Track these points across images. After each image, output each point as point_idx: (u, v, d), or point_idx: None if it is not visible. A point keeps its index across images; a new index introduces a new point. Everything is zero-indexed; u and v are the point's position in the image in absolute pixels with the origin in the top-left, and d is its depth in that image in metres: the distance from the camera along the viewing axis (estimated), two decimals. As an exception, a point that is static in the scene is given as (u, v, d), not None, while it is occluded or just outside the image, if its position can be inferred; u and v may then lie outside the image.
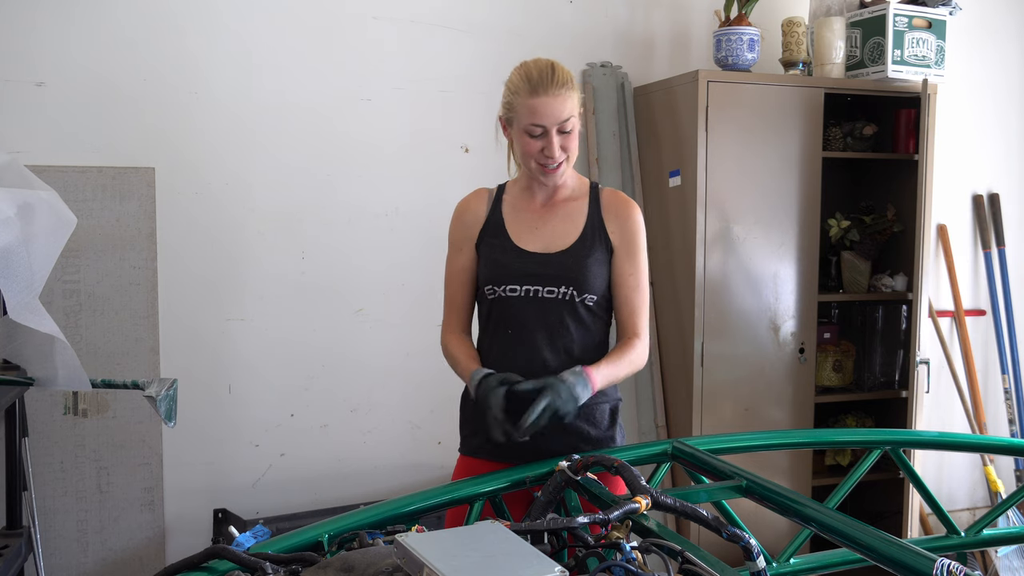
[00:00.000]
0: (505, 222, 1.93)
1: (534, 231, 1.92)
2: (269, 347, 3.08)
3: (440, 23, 3.23)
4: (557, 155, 1.83)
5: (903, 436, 2.11)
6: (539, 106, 1.79)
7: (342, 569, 1.09)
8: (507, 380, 1.73)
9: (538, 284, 1.87)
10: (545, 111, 1.79)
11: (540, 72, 1.81)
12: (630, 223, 1.92)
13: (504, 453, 1.84)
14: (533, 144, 1.84)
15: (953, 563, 1.15)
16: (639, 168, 3.42)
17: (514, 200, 1.97)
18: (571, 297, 1.87)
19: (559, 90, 1.79)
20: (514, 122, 1.86)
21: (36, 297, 1.94)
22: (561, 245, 1.89)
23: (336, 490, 3.17)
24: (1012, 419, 3.94)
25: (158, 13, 2.90)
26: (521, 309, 1.87)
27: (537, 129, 1.81)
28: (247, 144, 3.02)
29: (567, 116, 1.81)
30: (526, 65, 1.85)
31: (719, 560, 1.20)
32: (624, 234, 1.91)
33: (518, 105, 1.82)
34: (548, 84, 1.79)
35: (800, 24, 3.40)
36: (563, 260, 1.87)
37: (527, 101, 1.80)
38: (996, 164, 4.05)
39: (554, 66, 1.82)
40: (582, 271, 1.87)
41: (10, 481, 2.46)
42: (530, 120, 1.81)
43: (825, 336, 3.57)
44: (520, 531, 1.23)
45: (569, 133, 1.83)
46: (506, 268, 1.88)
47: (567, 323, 1.87)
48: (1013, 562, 3.49)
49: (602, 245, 1.90)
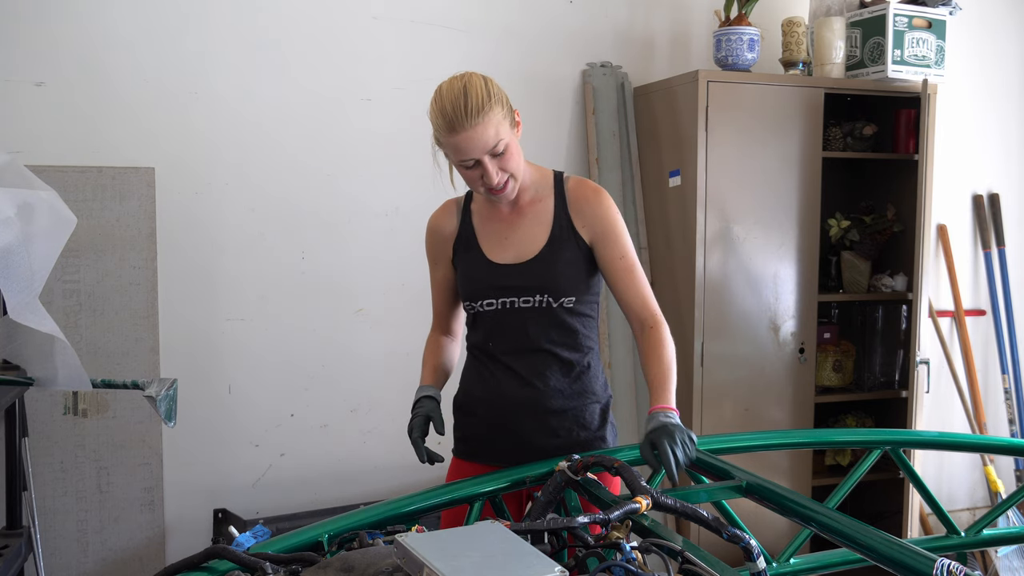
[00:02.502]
0: (476, 235, 1.89)
1: (504, 240, 1.87)
2: (269, 347, 3.08)
3: (440, 23, 3.23)
4: (496, 180, 1.75)
5: (903, 436, 2.11)
6: (461, 143, 1.70)
7: (342, 569, 1.09)
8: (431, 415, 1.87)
9: (513, 296, 1.83)
10: (468, 146, 1.70)
11: (453, 105, 1.69)
12: (600, 210, 1.84)
13: (496, 457, 1.85)
14: (470, 174, 1.77)
15: (953, 563, 1.15)
16: (639, 168, 3.42)
17: (481, 209, 1.90)
18: (548, 304, 1.83)
19: (475, 119, 1.68)
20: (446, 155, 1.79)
21: (36, 297, 1.94)
22: (531, 252, 1.84)
23: (336, 490, 3.17)
24: (1012, 419, 3.94)
25: (158, 13, 2.90)
26: (500, 322, 1.84)
27: (469, 161, 1.73)
28: (247, 144, 3.02)
29: (493, 142, 1.71)
30: (440, 96, 1.73)
31: (719, 560, 1.20)
32: (596, 223, 1.84)
33: (443, 142, 1.75)
34: (462, 118, 1.68)
35: (800, 24, 3.40)
36: (534, 268, 1.83)
37: (448, 140, 1.72)
38: (996, 164, 4.05)
39: (466, 90, 1.70)
40: (554, 276, 1.82)
41: (10, 481, 2.46)
42: (458, 157, 1.74)
43: (825, 336, 3.57)
44: (520, 531, 1.23)
45: (503, 154, 1.74)
46: (480, 283, 1.85)
47: (548, 331, 1.84)
48: (1013, 562, 3.49)
49: (572, 243, 1.83)
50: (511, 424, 1.86)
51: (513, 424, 1.85)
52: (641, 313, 1.84)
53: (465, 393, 1.97)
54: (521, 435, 1.85)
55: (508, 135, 1.75)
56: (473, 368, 1.95)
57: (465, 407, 1.96)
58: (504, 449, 1.86)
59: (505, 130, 1.74)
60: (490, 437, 1.90)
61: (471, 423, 1.93)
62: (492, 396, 1.88)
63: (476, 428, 1.92)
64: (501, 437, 1.88)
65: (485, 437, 1.91)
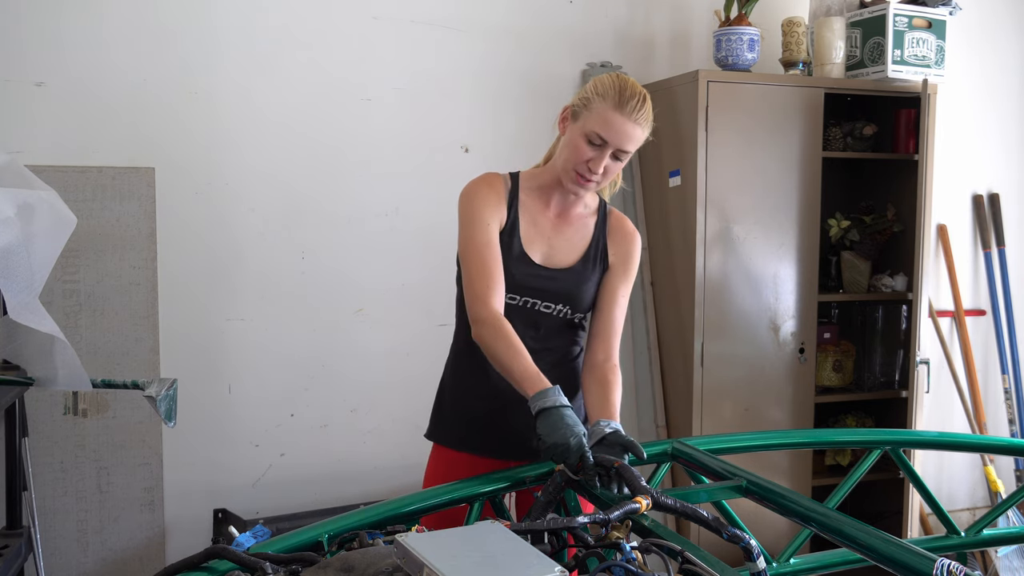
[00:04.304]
0: (520, 225, 1.85)
1: (544, 240, 1.87)
2: (269, 347, 3.08)
3: (440, 23, 3.23)
4: (598, 173, 1.76)
5: (903, 436, 2.11)
6: (616, 122, 1.73)
7: (342, 569, 1.09)
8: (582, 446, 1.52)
9: (536, 298, 1.84)
10: (619, 129, 1.73)
11: (633, 94, 1.74)
12: (632, 248, 1.91)
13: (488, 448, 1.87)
14: (585, 151, 1.75)
15: (953, 563, 1.15)
16: (639, 168, 3.42)
17: (529, 201, 1.88)
18: (566, 315, 1.87)
19: (641, 119, 1.75)
20: (580, 119, 1.77)
21: (36, 297, 1.94)
22: (565, 261, 1.86)
23: (336, 490, 3.17)
24: (1012, 419, 3.94)
25: (158, 13, 2.90)
26: (515, 319, 1.82)
27: (598, 139, 1.74)
28: (247, 144, 3.02)
29: (633, 147, 1.77)
30: (623, 79, 1.77)
31: (719, 560, 1.20)
32: (623, 256, 1.90)
33: (596, 108, 1.74)
34: (635, 109, 1.73)
35: (800, 24, 3.40)
36: (566, 278, 1.85)
37: (607, 110, 1.73)
38: (996, 164, 4.05)
39: (644, 95, 1.77)
40: (581, 293, 1.86)
41: (10, 481, 2.46)
42: (599, 128, 1.73)
43: (825, 336, 3.57)
44: (520, 531, 1.23)
45: (620, 162, 1.79)
46: (510, 276, 1.82)
47: (555, 337, 1.88)
48: (1013, 562, 3.49)
49: (600, 266, 1.89)
50: (508, 417, 1.85)
51: (510, 417, 1.84)
52: (607, 345, 1.85)
53: (459, 382, 1.94)
54: (515, 429, 1.84)
55: (632, 156, 1.83)
56: (468, 356, 1.90)
57: (456, 396, 1.94)
58: (495, 440, 1.88)
59: (634, 150, 1.79)
60: (482, 428, 1.90)
61: (462, 414, 1.93)
62: (488, 388, 1.87)
63: (469, 419, 1.92)
64: (494, 429, 1.88)
65: (478, 428, 1.90)
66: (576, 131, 1.77)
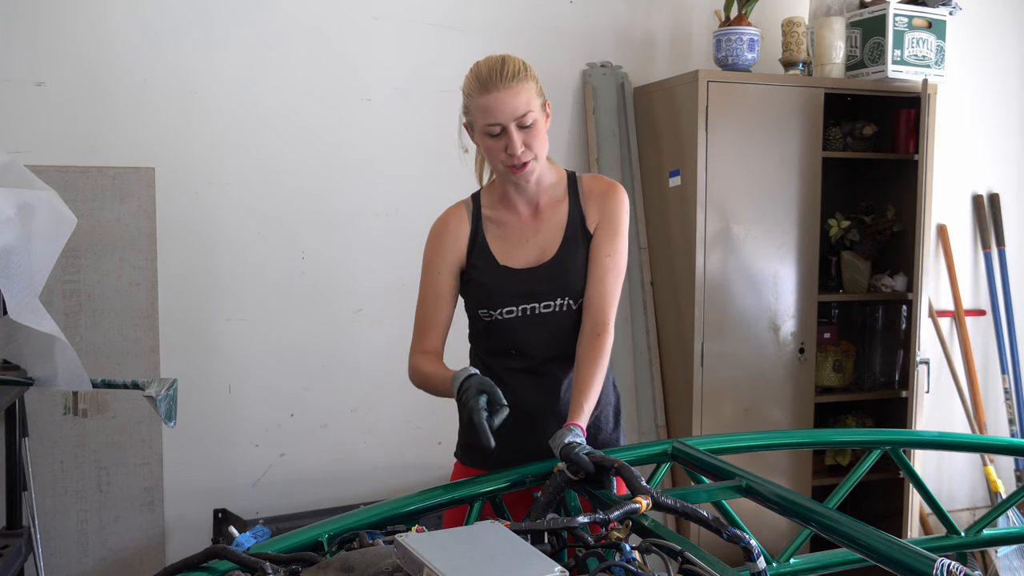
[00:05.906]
0: (489, 242, 1.83)
1: (522, 245, 1.83)
2: (269, 347, 3.08)
3: (440, 23, 3.23)
4: (519, 152, 1.71)
5: (903, 436, 2.11)
6: (491, 103, 1.69)
7: (342, 569, 1.09)
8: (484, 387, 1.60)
9: (534, 301, 1.80)
10: (498, 107, 1.68)
11: (490, 68, 1.71)
12: (612, 203, 1.82)
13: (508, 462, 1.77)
14: (495, 145, 1.73)
15: (953, 563, 1.15)
16: (639, 168, 3.42)
17: (494, 214, 1.85)
18: (568, 307, 1.81)
19: (510, 83, 1.68)
20: (473, 124, 1.77)
21: (36, 297, 1.94)
22: (547, 255, 1.81)
23: (336, 490, 3.17)
24: (1012, 419, 3.94)
25: (158, 13, 2.90)
26: (522, 329, 1.80)
27: (495, 128, 1.70)
28: (247, 144, 3.02)
29: (523, 111, 1.69)
30: (477, 64, 1.76)
31: (719, 560, 1.20)
32: (602, 215, 1.81)
33: (472, 107, 1.73)
34: (498, 79, 1.69)
35: (800, 24, 3.40)
36: (551, 271, 1.80)
37: (479, 100, 1.71)
38: (996, 164, 4.05)
39: (504, 59, 1.72)
40: (571, 278, 1.79)
41: (10, 481, 2.47)
42: (485, 120, 1.71)
43: (825, 336, 3.57)
44: (520, 531, 1.23)
45: (530, 128, 1.71)
46: (498, 292, 1.80)
47: (570, 335, 1.81)
48: (1013, 562, 3.49)
49: (584, 240, 1.81)
50: (536, 432, 1.78)
51: (537, 431, 1.77)
52: (597, 315, 1.78)
53: None
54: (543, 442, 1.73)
55: (538, 113, 1.73)
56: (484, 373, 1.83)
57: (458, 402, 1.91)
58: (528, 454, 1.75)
59: (536, 106, 1.72)
60: (514, 443, 1.77)
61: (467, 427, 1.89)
62: (511, 401, 1.73)
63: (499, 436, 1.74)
64: (526, 442, 1.78)
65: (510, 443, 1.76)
66: (478, 135, 1.77)
